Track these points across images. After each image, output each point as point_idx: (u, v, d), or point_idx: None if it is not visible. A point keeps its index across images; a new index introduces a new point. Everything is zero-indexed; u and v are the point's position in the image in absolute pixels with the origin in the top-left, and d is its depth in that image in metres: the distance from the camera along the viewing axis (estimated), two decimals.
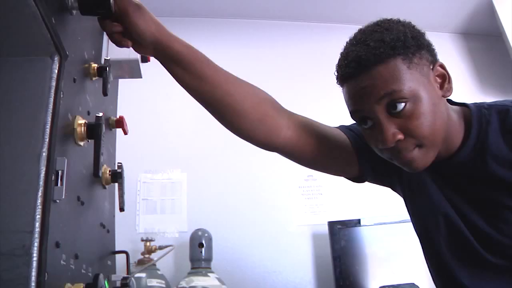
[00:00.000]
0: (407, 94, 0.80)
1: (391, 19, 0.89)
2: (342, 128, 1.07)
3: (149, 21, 0.87)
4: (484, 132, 0.86)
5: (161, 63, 0.93)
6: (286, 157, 1.04)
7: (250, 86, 0.99)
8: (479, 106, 0.90)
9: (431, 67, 0.86)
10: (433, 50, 0.88)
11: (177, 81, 0.93)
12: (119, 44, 0.87)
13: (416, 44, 0.83)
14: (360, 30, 0.89)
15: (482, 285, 0.89)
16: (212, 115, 0.97)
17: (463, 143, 0.89)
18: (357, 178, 1.09)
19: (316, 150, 1.02)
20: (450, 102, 0.94)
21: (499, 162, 0.84)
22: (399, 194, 1.10)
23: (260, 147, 1.02)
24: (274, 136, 0.98)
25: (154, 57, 0.92)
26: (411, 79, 0.81)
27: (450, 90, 0.87)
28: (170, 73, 0.92)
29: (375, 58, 0.81)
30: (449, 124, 0.87)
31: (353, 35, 0.90)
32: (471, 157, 0.88)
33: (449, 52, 2.96)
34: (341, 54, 0.91)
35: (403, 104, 0.81)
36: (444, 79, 0.87)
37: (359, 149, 1.02)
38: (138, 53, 0.93)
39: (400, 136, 0.82)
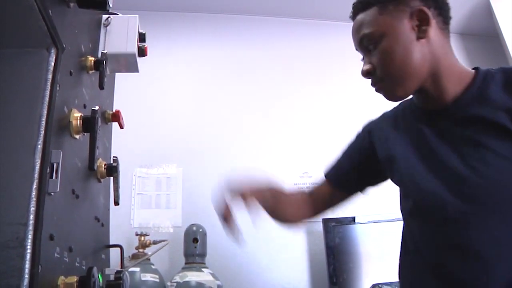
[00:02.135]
0: (373, 35, 0.95)
1: None
2: (326, 176, 1.22)
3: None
4: (486, 83, 0.93)
5: None
6: None
7: (296, 203, 1.19)
8: (489, 68, 0.98)
9: (413, 11, 0.95)
10: None
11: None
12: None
13: None
14: None
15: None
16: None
17: (465, 91, 0.95)
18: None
19: (323, 207, 1.22)
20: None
21: (493, 106, 0.89)
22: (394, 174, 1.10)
23: None
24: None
25: None
26: (380, 24, 0.95)
27: (424, 32, 0.94)
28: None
29: (359, 6, 1.00)
30: (441, 66, 0.95)
31: None
32: (469, 102, 0.92)
33: None
34: None
35: (372, 44, 0.96)
36: (423, 23, 0.94)
37: (340, 184, 1.18)
38: None
39: (370, 68, 0.97)
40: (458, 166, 0.89)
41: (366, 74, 0.99)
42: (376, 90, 1.00)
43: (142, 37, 1.35)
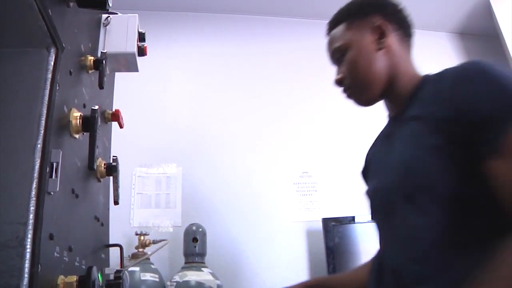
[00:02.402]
0: (341, 48, 1.07)
1: None
2: None
3: None
4: (426, 84, 0.98)
5: None
6: None
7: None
8: None
9: (374, 26, 1.06)
10: (391, 14, 1.07)
11: None
12: None
13: (365, 12, 1.08)
14: None
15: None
16: None
17: (410, 93, 1.02)
18: None
19: None
20: None
21: (426, 104, 0.93)
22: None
23: None
24: None
25: None
26: (346, 38, 1.07)
27: (381, 43, 1.05)
28: None
29: (331, 24, 1.13)
30: (398, 73, 1.04)
31: None
32: (410, 103, 0.99)
33: (446, 52, 2.97)
34: None
35: (341, 56, 1.08)
36: (382, 36, 1.05)
37: None
38: None
39: (340, 77, 1.09)
40: (394, 165, 0.95)
41: (337, 82, 1.11)
42: (346, 97, 1.11)
43: (141, 37, 1.35)
